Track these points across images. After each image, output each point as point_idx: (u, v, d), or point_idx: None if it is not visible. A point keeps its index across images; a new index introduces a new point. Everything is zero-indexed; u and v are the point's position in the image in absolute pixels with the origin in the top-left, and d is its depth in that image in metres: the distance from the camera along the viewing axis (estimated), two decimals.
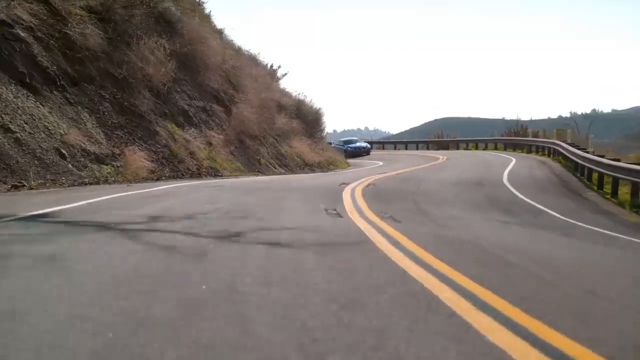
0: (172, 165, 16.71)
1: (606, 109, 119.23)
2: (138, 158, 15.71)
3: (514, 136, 37.80)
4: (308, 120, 30.19)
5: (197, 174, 17.23)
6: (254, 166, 21.35)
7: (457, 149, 42.48)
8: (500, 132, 42.35)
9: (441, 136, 47.75)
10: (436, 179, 15.43)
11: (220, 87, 23.64)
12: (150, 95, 18.40)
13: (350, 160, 34.54)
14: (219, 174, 18.08)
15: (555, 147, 23.11)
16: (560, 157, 23.95)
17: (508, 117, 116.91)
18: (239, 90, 25.06)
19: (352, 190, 10.87)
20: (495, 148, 37.98)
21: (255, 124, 23.46)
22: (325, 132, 32.71)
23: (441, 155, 31.59)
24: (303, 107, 30.54)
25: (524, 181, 15.90)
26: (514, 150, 35.07)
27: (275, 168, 22.97)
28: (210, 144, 19.55)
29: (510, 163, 22.66)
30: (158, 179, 15.38)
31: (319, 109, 31.55)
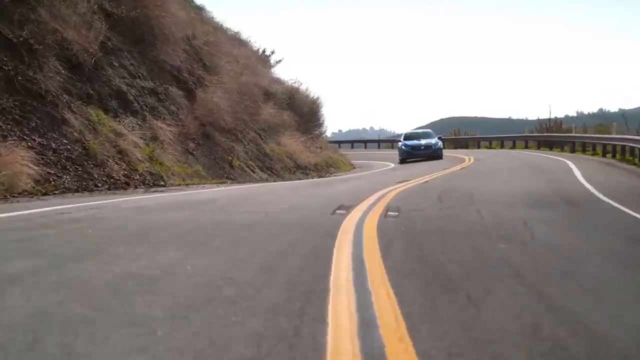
0: (80, 171, 10.71)
1: (613, 108, 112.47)
2: (18, 159, 9.74)
3: (547, 133, 31.62)
4: (303, 112, 24.16)
5: (124, 184, 11.23)
6: (222, 170, 15.35)
7: (478, 147, 36.37)
8: (506, 131, 36.53)
9: (458, 134, 41.58)
10: (490, 192, 9.32)
11: (184, 65, 17.65)
12: (65, 68, 12.44)
13: (356, 162, 28.44)
14: (162, 183, 12.08)
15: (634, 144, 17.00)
16: (632, 158, 17.85)
17: (515, 117, 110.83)
18: (212, 71, 19.08)
19: (358, 232, 4.89)
20: (526, 147, 31.81)
21: (230, 113, 17.47)
22: (325, 126, 26.53)
23: (465, 155, 25.48)
24: (297, 96, 24.50)
25: (624, 194, 9.80)
26: (551, 148, 28.94)
27: (255, 172, 16.95)
28: (155, 138, 13.56)
29: (569, 165, 16.57)
30: (46, 194, 9.40)
31: (317, 98, 25.48)
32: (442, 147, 26.02)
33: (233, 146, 16.92)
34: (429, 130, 28.24)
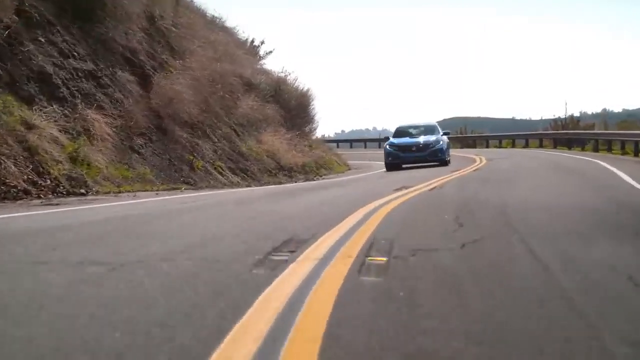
0: None
1: (617, 108, 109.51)
2: None
3: (562, 131, 28.56)
4: (290, 105, 21.14)
5: (21, 193, 8.24)
6: (179, 172, 12.34)
7: (487, 146, 33.34)
8: (510, 131, 33.87)
9: (464, 132, 38.52)
10: (529, 207, 6.20)
11: (143, 47, 14.71)
12: None
13: (353, 163, 25.39)
14: (82, 191, 9.09)
15: None
16: None
17: (518, 117, 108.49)
18: (178, 56, 16.15)
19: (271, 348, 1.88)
20: (540, 145, 28.76)
21: (196, 104, 14.47)
22: (316, 122, 23.42)
23: (474, 155, 22.46)
24: (284, 87, 21.49)
25: None
26: (569, 148, 25.90)
27: (224, 174, 13.94)
28: (86, 131, 10.59)
29: (606, 167, 13.53)
30: None
31: (307, 90, 22.40)
32: (445, 147, 17.12)
33: (197, 143, 13.93)
34: (434, 123, 19.29)
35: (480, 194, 7.58)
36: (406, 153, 17.01)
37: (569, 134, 26.27)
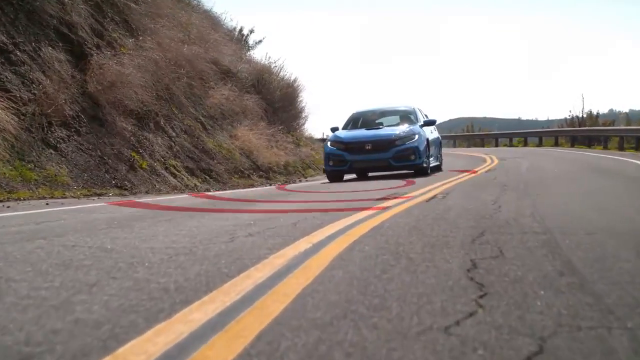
0: None
1: (624, 108, 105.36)
2: None
3: (583, 127, 25.67)
4: (275, 97, 18.41)
5: None
6: (112, 173, 9.64)
7: (496, 145, 30.53)
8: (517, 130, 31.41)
9: (471, 130, 35.67)
10: (600, 238, 3.50)
11: (86, 21, 12.07)
12: None
13: None
14: None
15: None
16: None
17: (524, 117, 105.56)
18: (135, 34, 13.51)
19: None
20: (556, 144, 25.91)
21: (147, 90, 11.80)
22: (305, 116, 20.60)
23: (485, 155, 19.69)
24: (268, 77, 18.77)
25: None
26: (589, 146, 23.09)
27: (177, 175, 11.25)
28: None
29: None
30: None
31: (294, 80, 19.62)
32: (424, 146, 10.74)
33: (146, 137, 11.25)
34: (411, 107, 12.42)
35: (503, 208, 4.85)
36: (357, 154, 10.64)
37: (589, 130, 23.41)
